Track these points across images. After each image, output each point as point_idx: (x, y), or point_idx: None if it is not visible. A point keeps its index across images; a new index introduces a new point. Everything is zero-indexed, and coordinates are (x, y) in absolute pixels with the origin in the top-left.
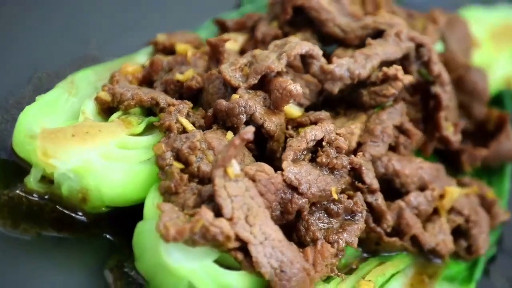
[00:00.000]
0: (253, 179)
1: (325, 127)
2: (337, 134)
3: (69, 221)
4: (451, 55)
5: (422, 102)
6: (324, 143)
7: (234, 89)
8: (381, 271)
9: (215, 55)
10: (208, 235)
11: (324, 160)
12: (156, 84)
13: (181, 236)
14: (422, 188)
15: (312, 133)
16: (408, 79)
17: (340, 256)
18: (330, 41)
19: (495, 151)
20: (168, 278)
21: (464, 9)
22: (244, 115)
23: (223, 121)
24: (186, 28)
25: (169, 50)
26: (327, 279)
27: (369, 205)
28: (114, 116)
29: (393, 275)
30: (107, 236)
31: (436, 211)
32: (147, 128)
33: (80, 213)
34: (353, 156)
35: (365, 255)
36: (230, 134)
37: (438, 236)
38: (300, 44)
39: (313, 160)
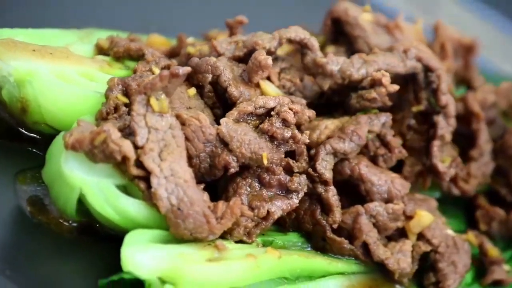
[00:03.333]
0: (183, 123)
1: (279, 98)
2: (290, 108)
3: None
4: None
5: (427, 133)
6: (273, 113)
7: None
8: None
9: None
10: (107, 150)
11: (266, 126)
12: (176, 59)
13: (80, 145)
14: (388, 201)
15: (263, 100)
16: (393, 87)
17: (263, 226)
18: None
19: None
20: (62, 186)
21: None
22: (210, 75)
23: (192, 78)
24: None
25: None
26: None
27: (318, 196)
28: (100, 56)
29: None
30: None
31: (405, 234)
32: None
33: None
34: (297, 131)
35: (309, 248)
36: (192, 90)
37: (396, 254)
38: (296, 30)
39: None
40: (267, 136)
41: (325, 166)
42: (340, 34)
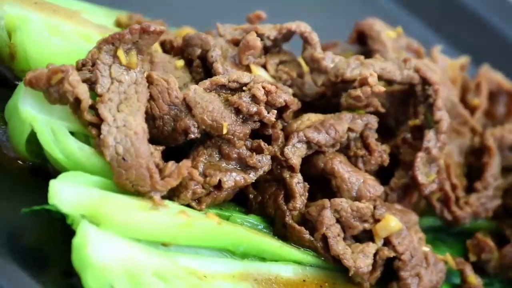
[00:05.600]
0: (151, 82)
1: (254, 76)
2: (263, 87)
3: None
4: None
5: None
6: (245, 88)
7: None
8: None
9: None
10: (61, 89)
11: (234, 99)
12: None
13: (37, 82)
14: (356, 200)
15: (237, 74)
16: (379, 89)
17: (215, 195)
18: None
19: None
20: (16, 122)
21: None
22: (200, 49)
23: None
24: None
25: None
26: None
27: (283, 181)
28: (113, 27)
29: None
30: None
31: (373, 238)
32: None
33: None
34: (264, 108)
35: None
36: (180, 62)
37: (357, 254)
38: (299, 23)
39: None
40: (233, 108)
41: (293, 152)
42: (363, 47)
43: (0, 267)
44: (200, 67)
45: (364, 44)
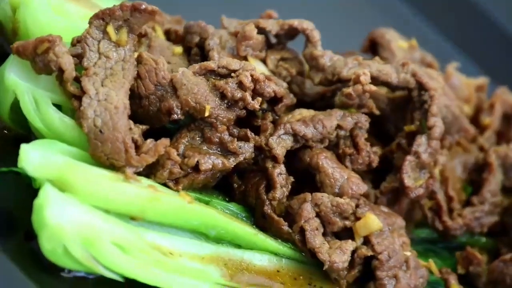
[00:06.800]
0: (140, 61)
1: (244, 63)
2: (251, 75)
3: None
4: None
5: None
6: (233, 75)
7: None
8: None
9: None
10: (46, 59)
11: (220, 84)
12: None
13: (23, 51)
14: (338, 196)
15: (227, 60)
16: (370, 87)
17: (192, 177)
18: None
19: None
20: (1, 87)
21: None
22: (198, 37)
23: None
24: None
25: None
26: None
27: (266, 170)
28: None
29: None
30: None
31: (354, 237)
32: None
33: None
34: (248, 95)
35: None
36: (178, 48)
37: (334, 250)
38: (300, 20)
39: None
40: (218, 93)
41: (278, 143)
42: (375, 55)
43: None
44: (198, 55)
45: (375, 52)
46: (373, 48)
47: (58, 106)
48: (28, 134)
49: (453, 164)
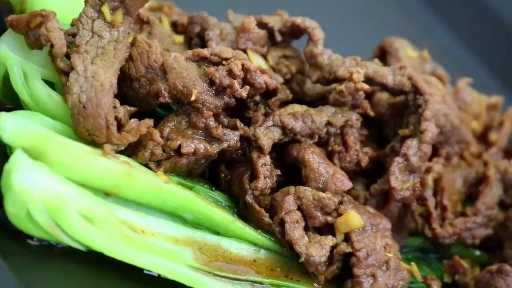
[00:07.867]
0: (133, 44)
1: (236, 52)
2: (242, 64)
3: None
4: None
5: None
6: (225, 63)
7: None
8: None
9: None
10: (37, 33)
11: (209, 70)
12: None
13: (17, 24)
14: (322, 191)
15: (220, 49)
16: (362, 86)
17: (174, 160)
18: None
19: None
20: None
21: None
22: (199, 27)
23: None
24: None
25: None
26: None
27: (251, 160)
28: None
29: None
30: None
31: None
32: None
33: None
34: (236, 83)
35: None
36: (180, 38)
37: (313, 243)
38: (304, 18)
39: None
40: (207, 79)
41: (264, 134)
42: (383, 62)
43: None
44: (198, 45)
45: (385, 60)
46: (383, 56)
47: (51, 84)
48: (18, 108)
49: (454, 176)
